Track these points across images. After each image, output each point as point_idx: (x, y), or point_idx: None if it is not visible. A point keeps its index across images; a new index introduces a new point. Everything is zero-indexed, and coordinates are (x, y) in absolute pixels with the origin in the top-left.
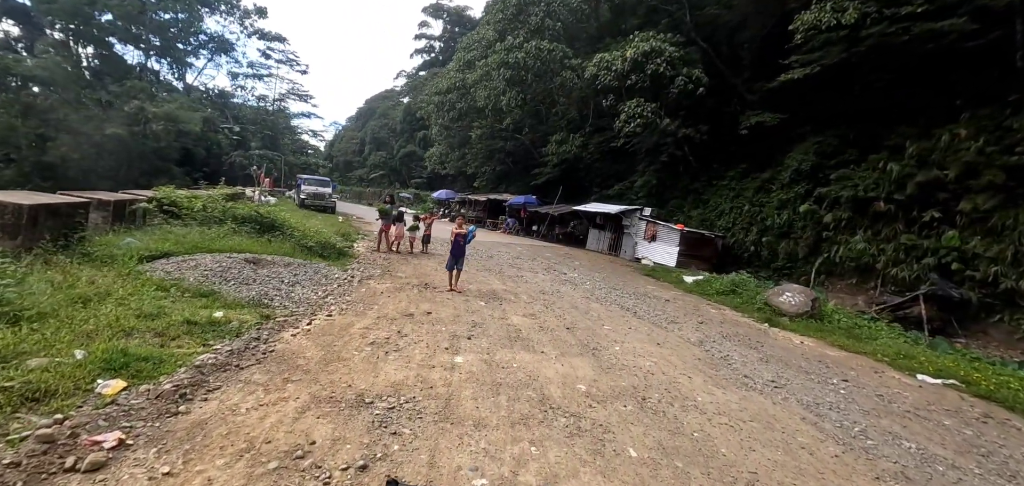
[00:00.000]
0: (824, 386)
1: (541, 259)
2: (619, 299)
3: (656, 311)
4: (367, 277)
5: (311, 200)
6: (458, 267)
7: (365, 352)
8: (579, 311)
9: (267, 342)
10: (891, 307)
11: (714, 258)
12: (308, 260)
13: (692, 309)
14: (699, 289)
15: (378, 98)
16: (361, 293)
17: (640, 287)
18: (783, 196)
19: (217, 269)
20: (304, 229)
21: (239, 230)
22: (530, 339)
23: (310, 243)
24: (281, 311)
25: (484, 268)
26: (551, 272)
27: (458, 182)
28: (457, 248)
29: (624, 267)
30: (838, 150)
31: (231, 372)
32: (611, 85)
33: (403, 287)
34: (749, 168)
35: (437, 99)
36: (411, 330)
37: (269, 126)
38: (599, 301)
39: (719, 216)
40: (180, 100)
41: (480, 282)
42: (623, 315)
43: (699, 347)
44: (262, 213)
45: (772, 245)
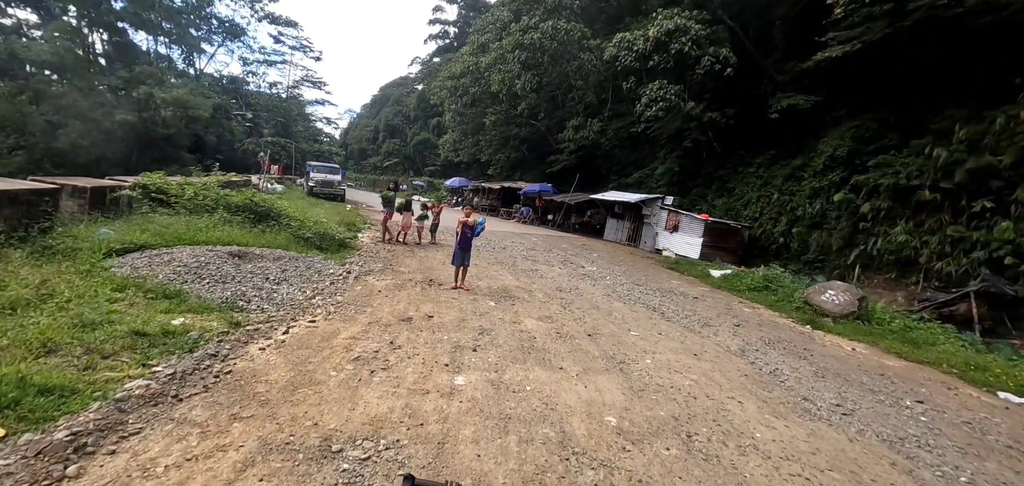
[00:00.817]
0: (899, 411)
1: (557, 250)
2: (643, 297)
3: (685, 311)
4: (365, 272)
5: (320, 188)
6: (465, 263)
7: (345, 372)
8: (601, 312)
9: (225, 360)
10: (936, 305)
11: (740, 250)
12: (303, 253)
13: (724, 308)
14: (728, 285)
15: (392, 85)
16: (355, 292)
17: (664, 282)
18: (816, 184)
19: (193, 264)
20: (303, 218)
21: (231, 220)
22: (546, 350)
23: (307, 234)
24: (256, 316)
25: (496, 261)
26: (568, 265)
27: (472, 170)
28: (464, 241)
29: (645, 259)
30: (877, 135)
31: (163, 407)
32: (632, 67)
33: (404, 284)
34: (778, 154)
35: (450, 84)
36: (407, 340)
37: (282, 113)
38: (622, 299)
39: (745, 205)
40: (189, 86)
41: (491, 277)
42: (650, 316)
43: (742, 358)
44: (256, 201)
45: (803, 236)
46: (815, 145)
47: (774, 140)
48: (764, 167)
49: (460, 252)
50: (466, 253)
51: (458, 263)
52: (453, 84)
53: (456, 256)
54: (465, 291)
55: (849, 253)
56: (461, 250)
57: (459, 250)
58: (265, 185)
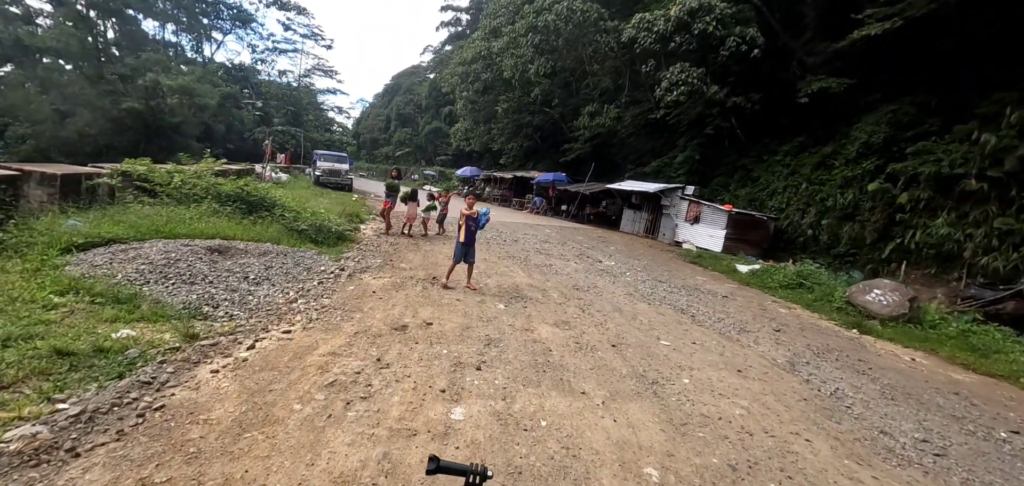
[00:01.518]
0: (997, 448)
1: (572, 243)
2: (669, 296)
3: (717, 313)
4: (362, 269)
5: (327, 177)
6: (470, 260)
7: (313, 404)
8: (624, 315)
9: (161, 389)
10: (981, 303)
11: (765, 243)
12: (295, 247)
13: (758, 309)
14: (758, 281)
15: (404, 74)
16: (347, 293)
17: (689, 278)
18: (848, 173)
19: (161, 262)
20: (300, 209)
21: (221, 211)
22: (565, 366)
23: (302, 226)
24: (221, 325)
25: (507, 255)
26: (584, 259)
27: (484, 159)
28: (468, 236)
29: (665, 253)
30: (917, 120)
31: (47, 470)
32: (652, 49)
33: (404, 283)
34: (806, 142)
35: (461, 70)
36: (398, 355)
37: (292, 102)
38: (646, 299)
39: (770, 196)
40: (196, 73)
41: (501, 274)
42: (679, 320)
43: (793, 374)
44: (248, 191)
45: (833, 228)
46: (847, 131)
47: (802, 126)
48: (791, 155)
49: (462, 248)
50: (470, 249)
51: (458, 260)
52: (464, 70)
53: (458, 252)
54: (472, 291)
55: (884, 247)
56: (464, 246)
57: (462, 246)
58: (270, 174)
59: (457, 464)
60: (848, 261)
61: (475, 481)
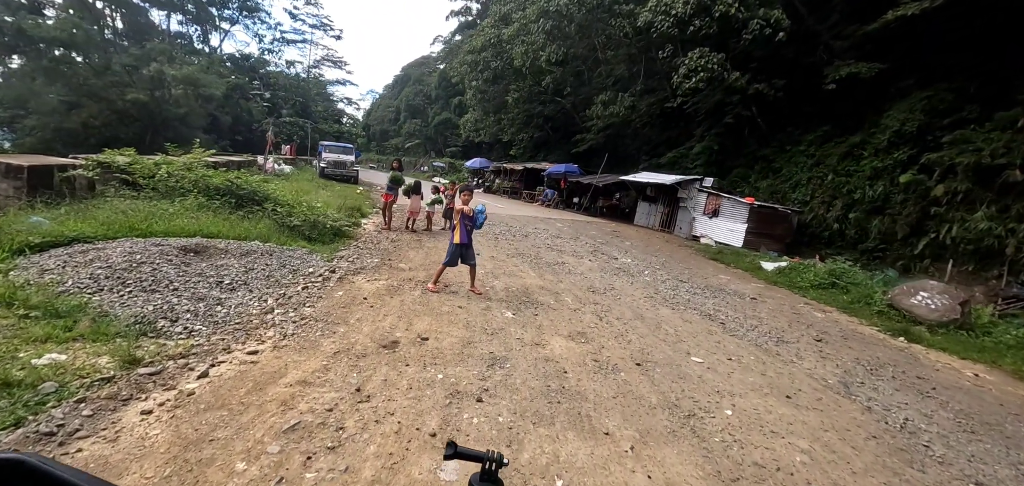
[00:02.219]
0: None
1: (585, 238)
2: (692, 298)
3: (748, 319)
4: (356, 270)
5: (332, 169)
6: (469, 261)
7: (262, 462)
8: (647, 324)
9: (65, 441)
10: None
11: (788, 237)
12: (285, 244)
13: (791, 313)
14: (786, 280)
15: (414, 65)
16: (334, 299)
17: (711, 277)
18: (878, 163)
19: (122, 265)
20: (296, 203)
21: (208, 205)
22: (583, 394)
23: (295, 222)
24: (175, 344)
25: (516, 252)
26: (599, 256)
27: (494, 150)
28: (464, 235)
29: (682, 248)
30: (954, 107)
31: None
32: (669, 33)
33: (401, 286)
34: (832, 131)
35: (471, 59)
36: (382, 384)
37: (300, 93)
38: (669, 303)
39: (794, 188)
40: (201, 63)
41: (510, 274)
42: (709, 328)
43: (850, 399)
44: (238, 184)
45: (861, 222)
46: (877, 120)
47: (827, 115)
48: (816, 145)
49: (458, 249)
50: (468, 250)
51: (452, 262)
52: (473, 59)
53: (451, 254)
54: (477, 295)
55: (916, 242)
56: (460, 247)
57: (456, 247)
58: (273, 165)
59: (474, 450)
60: (877, 257)
61: (491, 467)
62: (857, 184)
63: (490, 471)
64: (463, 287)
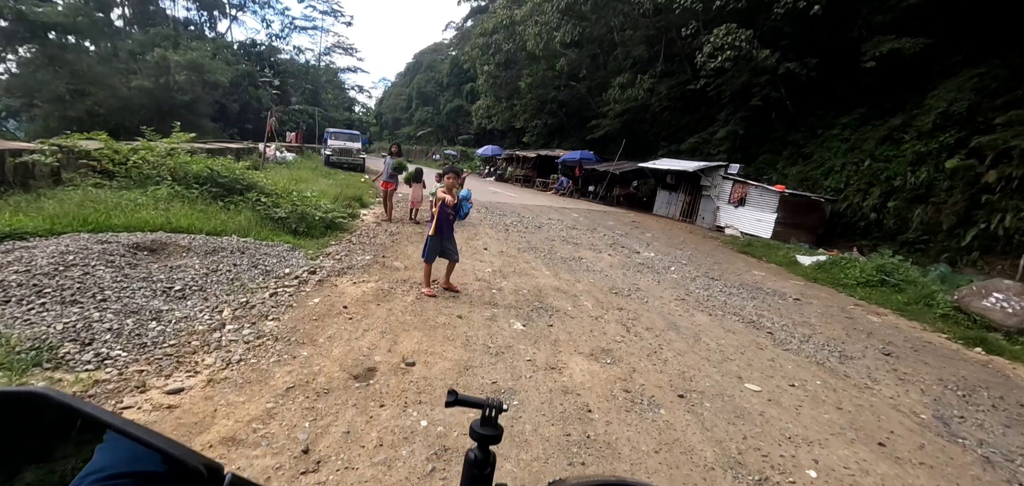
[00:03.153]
0: None
1: (603, 229)
2: (730, 300)
3: (797, 326)
4: (342, 270)
5: (337, 156)
6: (450, 255)
7: None
8: (683, 335)
9: None
10: None
11: (820, 228)
12: (267, 239)
13: (842, 317)
14: (827, 277)
15: (427, 52)
16: (306, 309)
17: (744, 273)
18: (920, 148)
19: (46, 267)
20: (287, 192)
21: (186, 194)
22: (614, 445)
23: (281, 213)
24: (76, 377)
25: (528, 246)
26: (619, 250)
27: (507, 138)
28: (443, 225)
29: (707, 240)
30: (1008, 85)
31: None
32: (693, 8)
33: (393, 290)
34: (869, 113)
35: (482, 41)
36: (343, 439)
37: (310, 80)
38: (703, 307)
39: (826, 174)
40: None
41: (521, 272)
42: (756, 341)
43: (956, 442)
44: (218, 171)
45: (901, 211)
46: (921, 100)
47: (864, 96)
48: (851, 128)
49: (435, 243)
50: (449, 243)
51: (430, 259)
52: (485, 41)
53: (429, 248)
54: (453, 293)
55: (964, 233)
56: (437, 239)
57: (433, 240)
58: (275, 153)
59: (474, 398)
60: (918, 249)
61: (491, 414)
62: (897, 170)
63: (490, 417)
64: (467, 288)
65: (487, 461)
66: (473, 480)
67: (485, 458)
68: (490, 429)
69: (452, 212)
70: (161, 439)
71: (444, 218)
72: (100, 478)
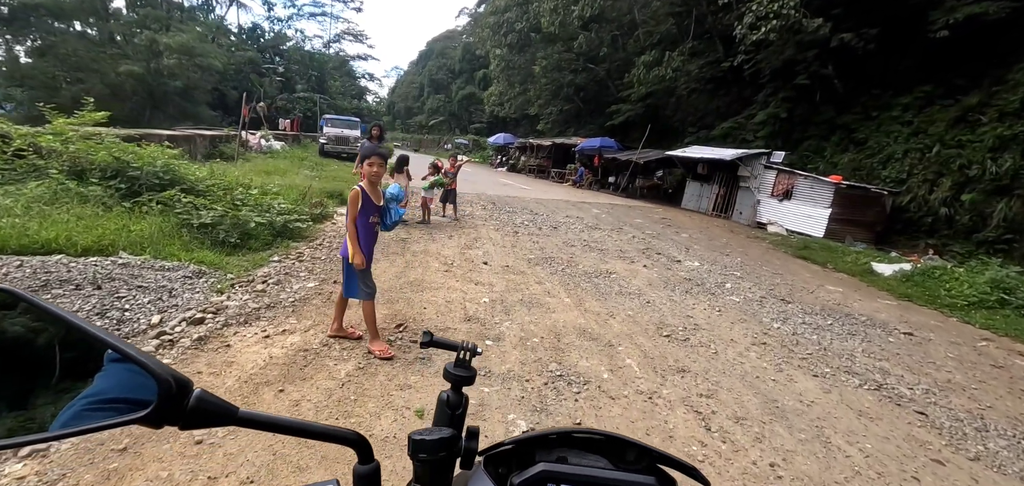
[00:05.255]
0: None
1: (630, 229)
2: (823, 339)
3: (940, 388)
4: (256, 310)
5: (333, 145)
6: (359, 295)
7: None
8: (799, 435)
9: None
10: None
11: (879, 224)
12: (169, 258)
13: (988, 365)
14: (922, 293)
15: (439, 39)
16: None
17: (817, 289)
18: (1004, 131)
19: None
20: (231, 187)
21: (81, 192)
22: None
23: (206, 219)
24: None
25: (543, 257)
26: (654, 257)
27: (521, 126)
28: (363, 239)
29: (752, 240)
30: None
31: None
32: None
33: (323, 351)
34: (937, 92)
35: (493, 21)
36: None
37: (316, 67)
38: (799, 359)
39: (885, 163)
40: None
41: (531, 300)
42: (912, 434)
43: None
44: (128, 161)
45: (978, 205)
46: (1004, 75)
47: (930, 72)
48: (914, 109)
49: (356, 271)
50: (352, 280)
51: (354, 290)
52: (496, 20)
53: (350, 283)
54: (384, 358)
55: None
56: (353, 271)
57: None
58: (259, 141)
59: (449, 340)
60: (1000, 249)
61: (465, 356)
62: (973, 157)
63: (464, 359)
64: (452, 331)
65: (460, 402)
66: (445, 421)
67: (458, 400)
68: (463, 370)
69: (376, 219)
70: (129, 346)
71: (365, 232)
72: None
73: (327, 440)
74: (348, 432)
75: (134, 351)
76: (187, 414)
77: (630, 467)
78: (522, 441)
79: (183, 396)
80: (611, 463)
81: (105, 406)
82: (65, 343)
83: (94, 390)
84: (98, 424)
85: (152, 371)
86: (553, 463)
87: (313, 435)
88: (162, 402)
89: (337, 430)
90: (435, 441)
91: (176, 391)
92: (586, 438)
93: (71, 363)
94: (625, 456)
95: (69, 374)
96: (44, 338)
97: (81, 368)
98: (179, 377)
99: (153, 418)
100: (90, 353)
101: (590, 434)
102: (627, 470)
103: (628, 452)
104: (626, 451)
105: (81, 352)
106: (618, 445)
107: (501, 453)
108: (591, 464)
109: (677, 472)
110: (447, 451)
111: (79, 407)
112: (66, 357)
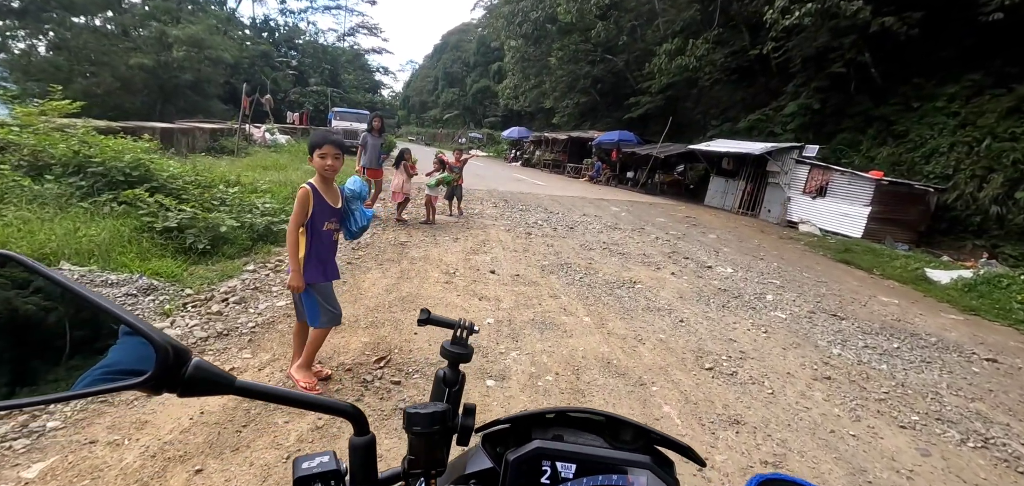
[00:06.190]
0: None
1: (653, 229)
2: (896, 369)
3: None
4: (213, 337)
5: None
6: (326, 315)
7: None
8: None
9: None
10: None
11: (923, 224)
12: (120, 268)
13: None
14: (992, 306)
15: (454, 32)
16: None
17: (869, 301)
18: None
19: None
20: (214, 184)
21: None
22: None
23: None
24: None
25: (557, 262)
26: (683, 263)
27: (536, 120)
28: (323, 253)
29: (786, 241)
30: None
31: None
32: None
33: (263, 415)
34: (985, 81)
35: (507, 11)
36: None
37: (330, 60)
38: (873, 399)
39: (928, 157)
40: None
41: (544, 319)
42: None
43: None
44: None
45: None
46: None
47: (978, 59)
48: (961, 99)
49: (324, 290)
50: (321, 299)
51: (314, 316)
52: (510, 10)
53: (309, 306)
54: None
55: None
56: (311, 299)
57: (319, 288)
58: (263, 135)
59: (446, 318)
60: None
61: (462, 334)
62: None
63: (461, 337)
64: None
65: (457, 379)
66: (442, 397)
67: (454, 377)
68: (460, 348)
69: (334, 225)
70: (138, 319)
71: (320, 242)
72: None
73: (323, 412)
74: (344, 404)
75: (140, 323)
76: (185, 382)
77: (626, 446)
78: (518, 419)
79: (180, 364)
80: (607, 442)
81: (116, 375)
82: (76, 320)
83: (109, 360)
84: (100, 388)
85: (152, 339)
86: (549, 441)
87: (310, 406)
88: (159, 369)
89: (333, 402)
90: (429, 415)
91: (173, 359)
92: (583, 417)
93: (82, 338)
94: (621, 435)
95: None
96: (55, 316)
97: (92, 341)
98: (178, 346)
99: (151, 384)
100: (101, 328)
101: (587, 413)
102: (623, 449)
103: (625, 431)
104: (623, 430)
105: (91, 330)
106: (615, 425)
107: (498, 431)
108: (587, 443)
109: (674, 453)
110: (441, 425)
111: (96, 374)
112: (77, 336)
